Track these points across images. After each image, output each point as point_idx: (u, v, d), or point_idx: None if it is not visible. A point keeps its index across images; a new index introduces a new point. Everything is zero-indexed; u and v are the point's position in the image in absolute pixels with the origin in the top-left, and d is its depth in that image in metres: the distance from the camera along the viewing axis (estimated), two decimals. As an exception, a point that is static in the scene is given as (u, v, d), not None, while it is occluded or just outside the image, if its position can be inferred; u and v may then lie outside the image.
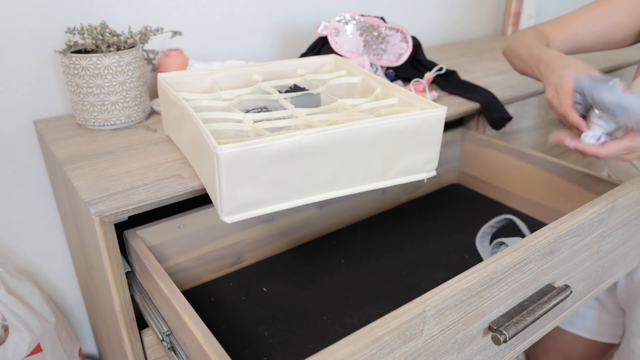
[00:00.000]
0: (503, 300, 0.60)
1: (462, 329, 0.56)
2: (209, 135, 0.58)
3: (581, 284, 0.73)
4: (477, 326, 0.58)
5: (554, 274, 0.66)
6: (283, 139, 0.59)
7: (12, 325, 0.86)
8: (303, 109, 0.71)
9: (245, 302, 0.73)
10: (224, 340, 0.66)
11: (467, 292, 0.54)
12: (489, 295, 0.57)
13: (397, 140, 0.66)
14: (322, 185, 0.64)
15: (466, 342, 0.58)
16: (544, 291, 0.64)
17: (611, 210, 0.69)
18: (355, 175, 0.66)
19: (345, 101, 0.75)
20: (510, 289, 0.60)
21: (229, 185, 0.58)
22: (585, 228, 0.66)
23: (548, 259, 0.63)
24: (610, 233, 0.73)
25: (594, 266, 0.74)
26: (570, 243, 0.65)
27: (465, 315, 0.56)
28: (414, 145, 0.68)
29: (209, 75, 0.82)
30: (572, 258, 0.67)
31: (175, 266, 0.73)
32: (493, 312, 0.59)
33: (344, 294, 0.74)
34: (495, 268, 0.56)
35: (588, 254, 0.70)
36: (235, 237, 0.78)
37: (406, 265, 0.80)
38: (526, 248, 0.59)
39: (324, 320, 0.69)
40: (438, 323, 0.53)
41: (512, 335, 0.58)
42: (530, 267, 0.61)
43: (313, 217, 0.86)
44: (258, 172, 0.59)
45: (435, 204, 0.98)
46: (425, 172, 0.72)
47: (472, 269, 0.56)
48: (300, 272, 0.79)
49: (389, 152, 0.67)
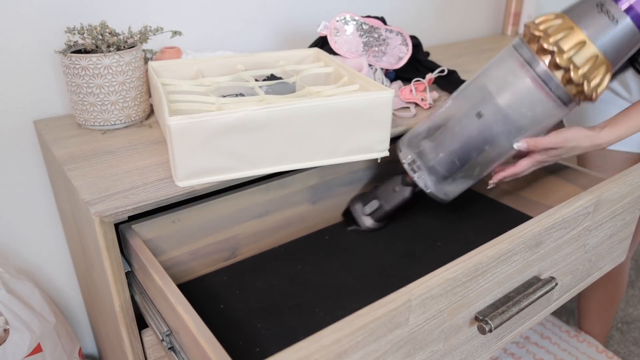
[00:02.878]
0: (489, 291, 0.61)
1: (449, 319, 0.58)
2: (166, 108, 0.65)
3: (568, 276, 0.74)
4: (463, 316, 0.59)
5: (540, 266, 0.67)
6: (230, 113, 0.65)
7: (12, 325, 0.86)
8: (274, 96, 0.76)
9: (239, 295, 0.74)
10: (218, 332, 0.67)
11: (453, 282, 0.55)
12: (474, 285, 0.58)
13: (345, 120, 0.71)
14: (271, 159, 0.70)
15: (452, 331, 0.59)
16: (530, 283, 0.66)
17: (596, 205, 0.71)
18: (304, 151, 0.71)
19: (313, 88, 0.79)
20: (496, 280, 0.61)
21: (180, 153, 0.65)
22: (571, 221, 0.68)
23: (534, 252, 0.64)
24: (597, 227, 0.74)
25: (580, 259, 0.75)
26: (555, 236, 0.66)
27: (451, 305, 0.57)
28: (363, 125, 0.72)
29: (195, 65, 0.88)
30: (558, 251, 0.69)
31: (171, 260, 0.74)
32: (479, 302, 0.61)
33: (336, 287, 0.76)
34: (480, 259, 0.58)
35: (574, 247, 0.72)
36: (230, 232, 0.79)
37: (397, 259, 0.82)
38: (512, 240, 0.61)
39: (316, 313, 0.71)
40: (424, 312, 0.54)
41: (498, 325, 0.59)
42: (515, 259, 0.62)
43: (306, 212, 0.87)
44: (207, 143, 0.65)
45: (427, 200, 1.00)
46: (378, 151, 0.76)
47: (457, 260, 0.57)
48: (293, 266, 0.80)
49: (337, 130, 0.71)
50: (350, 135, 0.73)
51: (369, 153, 0.75)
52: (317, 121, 0.70)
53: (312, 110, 0.69)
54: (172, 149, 0.65)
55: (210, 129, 0.65)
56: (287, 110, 0.67)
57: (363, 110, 0.71)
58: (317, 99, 0.69)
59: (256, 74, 0.88)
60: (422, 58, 1.08)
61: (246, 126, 0.66)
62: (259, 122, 0.67)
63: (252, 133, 0.67)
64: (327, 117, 0.70)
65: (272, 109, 0.67)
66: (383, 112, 0.72)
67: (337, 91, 0.79)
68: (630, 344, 1.46)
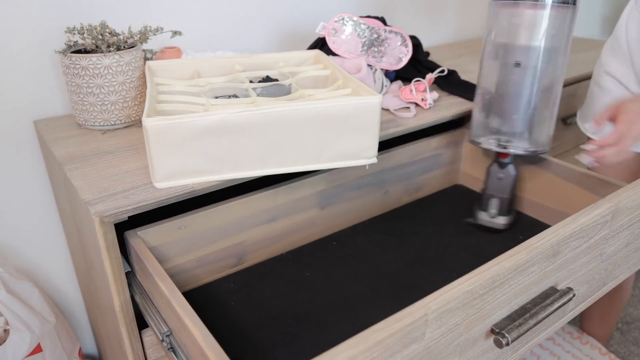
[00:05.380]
0: (505, 303, 0.60)
1: (465, 332, 0.56)
2: (146, 108, 0.65)
3: (584, 286, 0.73)
4: (479, 329, 0.58)
5: (557, 276, 0.66)
6: (208, 115, 0.63)
7: (12, 325, 0.86)
8: (266, 98, 0.75)
9: (246, 303, 0.72)
10: (225, 342, 0.66)
11: (470, 295, 0.54)
12: (491, 298, 0.57)
13: (329, 125, 0.69)
14: (252, 163, 0.68)
15: (468, 345, 0.58)
16: (547, 294, 0.64)
17: (614, 213, 0.69)
18: (287, 156, 0.69)
19: (305, 91, 0.78)
20: (512, 291, 0.59)
21: (157, 154, 0.64)
22: (589, 230, 0.66)
23: (551, 262, 0.63)
24: (614, 235, 0.72)
25: (597, 268, 0.73)
26: (573, 245, 0.65)
27: (468, 318, 0.55)
28: (348, 130, 0.70)
29: (194, 65, 0.86)
30: (575, 260, 0.67)
31: (176, 267, 0.73)
32: (495, 314, 0.59)
33: (345, 295, 0.74)
34: (498, 270, 0.56)
35: (591, 257, 0.70)
36: (237, 238, 0.77)
37: (408, 266, 0.80)
38: (529, 250, 0.59)
39: (325, 322, 0.69)
40: (440, 326, 0.52)
41: (515, 338, 0.57)
42: (533, 270, 0.60)
43: (314, 217, 0.85)
44: (185, 145, 0.64)
45: (437, 205, 0.98)
46: (365, 158, 0.73)
47: (474, 272, 0.55)
48: (301, 273, 0.79)
49: (322, 135, 0.69)
50: (336, 140, 0.70)
51: (355, 159, 0.73)
52: (300, 125, 0.68)
53: (294, 114, 0.67)
54: (149, 150, 0.64)
55: (189, 130, 0.63)
56: (266, 114, 0.66)
57: (348, 116, 0.69)
58: (299, 103, 0.67)
59: (253, 75, 0.87)
60: (422, 58, 1.07)
61: (226, 129, 0.65)
62: (238, 125, 0.65)
63: (232, 136, 0.66)
64: (310, 122, 0.68)
65: (251, 112, 0.65)
66: (370, 118, 0.70)
67: (329, 95, 0.77)
68: (630, 344, 1.46)
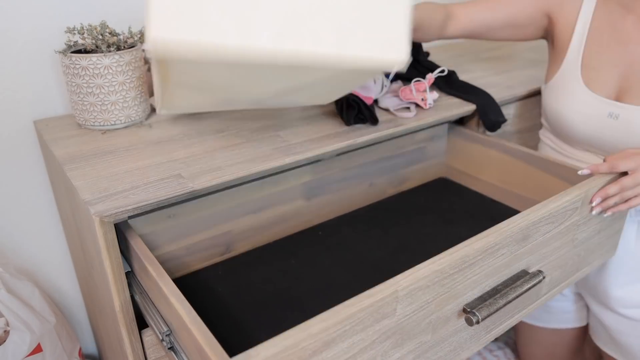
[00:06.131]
0: (477, 284, 0.62)
1: (436, 310, 0.59)
2: None
3: (557, 270, 0.75)
4: (451, 308, 0.61)
5: (528, 260, 0.68)
6: None
7: (12, 325, 0.86)
8: None
9: (234, 289, 0.75)
10: (213, 325, 0.68)
11: (440, 274, 0.57)
12: (462, 278, 0.60)
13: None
14: (271, 30, 0.48)
15: (440, 322, 0.60)
16: (518, 276, 0.67)
17: (584, 200, 0.72)
18: (309, 27, 0.49)
19: None
20: (483, 272, 0.62)
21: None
22: (558, 216, 0.69)
23: (521, 245, 0.65)
24: (585, 222, 0.75)
25: (569, 254, 0.76)
26: (543, 230, 0.68)
27: (439, 297, 0.58)
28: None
29: None
30: (546, 245, 0.70)
31: (166, 254, 0.75)
32: (467, 294, 0.62)
33: (328, 281, 0.77)
34: (467, 252, 0.59)
35: (563, 242, 0.73)
36: (224, 227, 0.80)
37: (390, 254, 0.83)
38: (498, 234, 0.62)
39: (308, 306, 0.72)
40: (411, 303, 0.55)
41: (485, 316, 0.60)
42: (503, 252, 0.63)
43: (300, 208, 0.88)
44: None
45: (421, 197, 1.01)
46: (393, 52, 0.52)
47: (444, 252, 0.58)
48: (287, 261, 0.82)
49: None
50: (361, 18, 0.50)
51: (381, 52, 0.52)
52: None
53: None
54: None
55: None
56: None
57: None
58: None
59: None
60: (422, 58, 1.07)
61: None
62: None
63: None
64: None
65: None
66: None
67: None
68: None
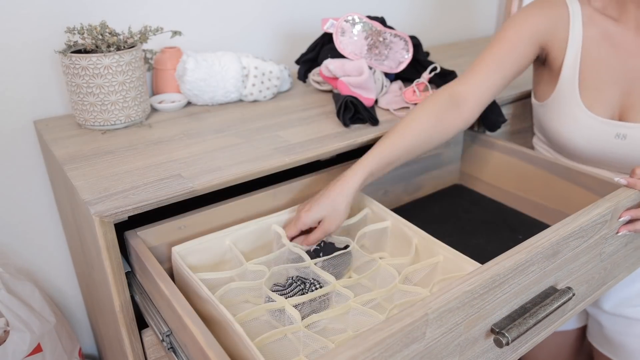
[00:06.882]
0: (505, 303, 0.60)
1: (465, 332, 0.56)
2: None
3: (583, 285, 0.73)
4: (479, 329, 0.58)
5: (557, 276, 0.66)
6: None
7: (13, 325, 0.87)
8: (343, 288, 0.68)
9: (246, 303, 0.72)
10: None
11: (470, 295, 0.54)
12: (491, 297, 0.57)
13: None
14: None
15: (468, 344, 0.58)
16: (547, 293, 0.64)
17: (614, 212, 0.69)
18: None
19: (378, 257, 0.73)
20: (512, 291, 0.59)
21: None
22: (588, 230, 0.66)
23: (550, 261, 0.63)
24: (613, 235, 0.72)
25: (596, 268, 0.73)
26: (572, 245, 0.65)
27: (468, 318, 0.55)
28: None
29: (226, 237, 0.71)
30: (574, 260, 0.67)
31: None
32: (495, 314, 0.59)
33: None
34: (498, 270, 0.56)
35: (591, 256, 0.70)
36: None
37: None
38: (529, 250, 0.59)
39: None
40: (440, 326, 0.52)
41: (515, 337, 0.57)
42: (532, 270, 0.61)
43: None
44: None
45: (436, 205, 0.98)
46: None
47: (474, 272, 0.55)
48: (301, 272, 0.79)
49: None
50: None
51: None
52: None
53: None
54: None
55: None
56: None
57: None
58: None
59: None
60: (422, 58, 1.07)
61: None
62: None
63: None
64: None
65: None
66: None
67: (417, 267, 0.70)
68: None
